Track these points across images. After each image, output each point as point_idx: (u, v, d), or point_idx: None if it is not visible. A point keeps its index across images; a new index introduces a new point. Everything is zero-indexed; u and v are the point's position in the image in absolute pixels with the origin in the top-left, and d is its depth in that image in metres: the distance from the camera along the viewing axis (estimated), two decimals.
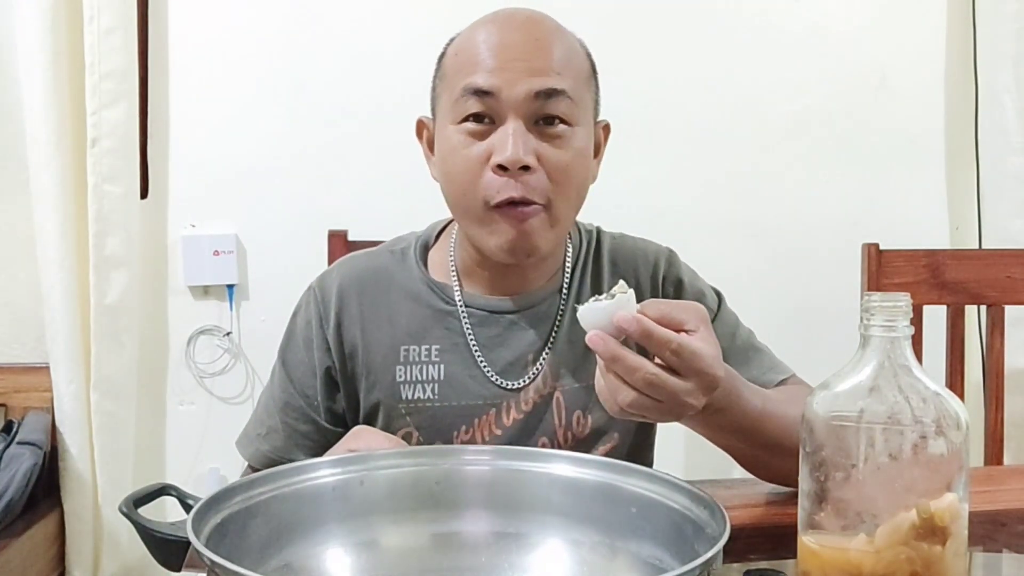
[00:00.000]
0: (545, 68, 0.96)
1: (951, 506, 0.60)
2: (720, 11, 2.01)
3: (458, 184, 0.98)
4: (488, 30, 0.98)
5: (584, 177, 1.02)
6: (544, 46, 0.97)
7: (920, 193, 2.08)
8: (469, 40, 0.99)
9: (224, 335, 1.94)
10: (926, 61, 2.07)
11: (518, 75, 0.95)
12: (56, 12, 1.72)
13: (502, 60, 0.95)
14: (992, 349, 1.56)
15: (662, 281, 1.12)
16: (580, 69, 1.01)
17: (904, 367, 0.62)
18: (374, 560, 0.76)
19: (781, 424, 0.89)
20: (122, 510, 0.70)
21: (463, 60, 0.98)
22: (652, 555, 0.72)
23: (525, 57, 0.96)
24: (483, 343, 1.06)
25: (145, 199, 1.89)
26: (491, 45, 0.97)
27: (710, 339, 0.77)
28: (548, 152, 0.96)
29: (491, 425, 1.05)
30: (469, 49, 0.98)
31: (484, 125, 0.97)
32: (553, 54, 0.97)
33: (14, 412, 1.82)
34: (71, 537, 1.80)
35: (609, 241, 1.14)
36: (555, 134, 0.97)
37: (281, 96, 1.92)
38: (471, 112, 0.96)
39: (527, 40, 0.97)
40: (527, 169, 0.95)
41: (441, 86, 1.02)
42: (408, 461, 0.81)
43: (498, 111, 0.96)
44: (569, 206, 1.01)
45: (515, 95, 0.95)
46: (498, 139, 0.95)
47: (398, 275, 1.10)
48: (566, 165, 0.97)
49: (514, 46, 0.96)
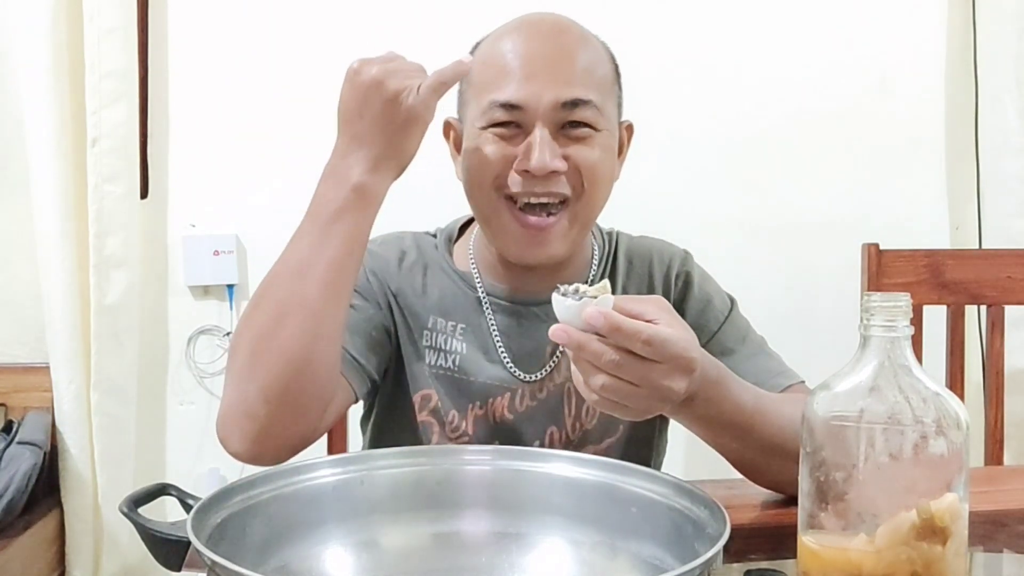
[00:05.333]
0: (571, 78, 0.98)
1: (951, 506, 0.60)
2: (720, 11, 2.01)
3: (482, 178, 1.01)
4: (514, 39, 1.00)
5: (609, 177, 1.04)
6: (569, 56, 0.99)
7: (920, 193, 2.08)
8: (496, 49, 1.01)
9: (224, 335, 1.94)
10: (926, 61, 2.07)
11: (544, 86, 0.97)
12: (56, 12, 1.72)
13: (528, 71, 0.97)
14: (992, 349, 1.56)
15: (675, 279, 1.13)
16: (604, 76, 1.02)
17: (904, 367, 0.62)
18: (374, 560, 0.76)
19: (776, 424, 0.89)
20: (122, 510, 0.70)
21: (490, 70, 1.00)
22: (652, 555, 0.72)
23: (551, 68, 0.97)
24: (503, 331, 1.09)
25: (145, 199, 1.89)
26: (517, 56, 0.98)
27: (677, 324, 0.77)
28: (574, 152, 0.99)
29: (504, 408, 1.08)
30: (496, 59, 1.00)
31: (511, 130, 0.99)
32: (578, 64, 0.99)
33: (14, 412, 1.82)
34: (71, 537, 1.80)
35: (626, 241, 1.16)
36: (581, 136, 0.99)
37: (281, 96, 1.92)
38: (497, 121, 0.99)
39: (552, 50, 0.99)
40: (554, 173, 0.98)
41: (469, 92, 1.04)
42: (408, 461, 0.82)
43: (525, 121, 0.98)
44: (593, 204, 1.03)
45: (542, 106, 0.97)
46: (525, 145, 0.98)
47: (431, 256, 1.14)
48: (592, 164, 1.00)
49: (540, 57, 0.98)
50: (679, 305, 1.12)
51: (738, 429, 0.88)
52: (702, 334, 1.09)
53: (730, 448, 0.93)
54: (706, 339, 1.09)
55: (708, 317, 1.11)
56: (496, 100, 0.98)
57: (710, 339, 1.10)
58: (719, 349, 1.08)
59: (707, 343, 1.09)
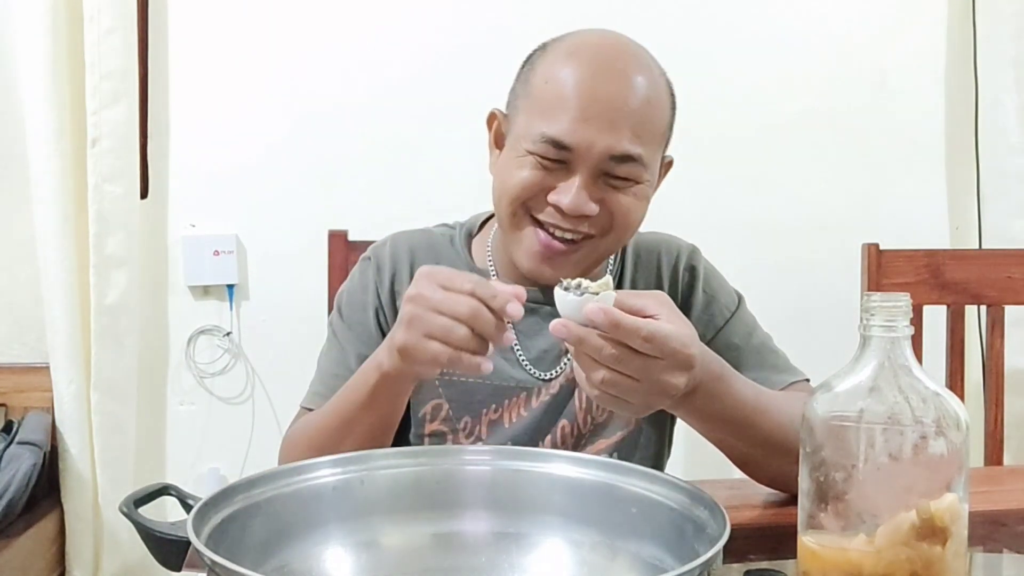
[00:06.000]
0: (627, 129, 0.95)
1: (951, 506, 0.60)
2: (720, 11, 2.01)
3: (513, 196, 0.99)
4: (576, 69, 0.96)
5: (639, 219, 1.03)
6: (634, 107, 0.96)
7: (920, 193, 2.08)
8: (560, 72, 0.97)
9: (224, 335, 1.94)
10: (926, 61, 2.07)
11: (598, 134, 0.94)
12: (56, 12, 1.72)
13: (586, 113, 0.94)
14: (992, 349, 1.56)
15: (682, 273, 1.13)
16: (661, 126, 1.00)
17: (904, 367, 0.62)
18: (374, 560, 0.76)
19: (776, 421, 0.89)
20: (122, 510, 0.70)
21: (550, 98, 0.96)
22: (652, 555, 0.72)
23: (609, 114, 0.95)
24: (520, 330, 1.08)
25: (145, 199, 1.89)
26: (578, 90, 0.95)
27: (677, 320, 0.77)
28: (610, 197, 0.98)
29: (520, 408, 1.08)
30: (555, 87, 0.96)
31: (555, 164, 0.97)
32: (640, 117, 0.96)
33: (14, 412, 1.82)
34: (71, 537, 1.80)
35: (635, 236, 1.14)
36: (621, 186, 0.98)
37: (281, 96, 1.92)
38: (541, 154, 0.96)
39: (615, 92, 0.95)
40: (585, 216, 0.97)
41: (523, 103, 1.01)
42: (408, 461, 0.81)
43: (571, 160, 0.96)
44: (616, 244, 1.03)
45: (592, 154, 0.95)
46: (565, 185, 0.96)
47: (445, 253, 1.13)
48: (626, 211, 0.99)
49: (601, 98, 0.95)
50: (686, 299, 1.11)
51: (738, 425, 0.88)
52: (708, 329, 1.09)
53: (730, 444, 0.93)
54: (712, 334, 1.09)
55: (714, 312, 1.11)
56: (547, 135, 0.95)
57: (716, 334, 1.09)
58: (725, 344, 1.08)
59: (713, 338, 1.09)
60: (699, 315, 1.10)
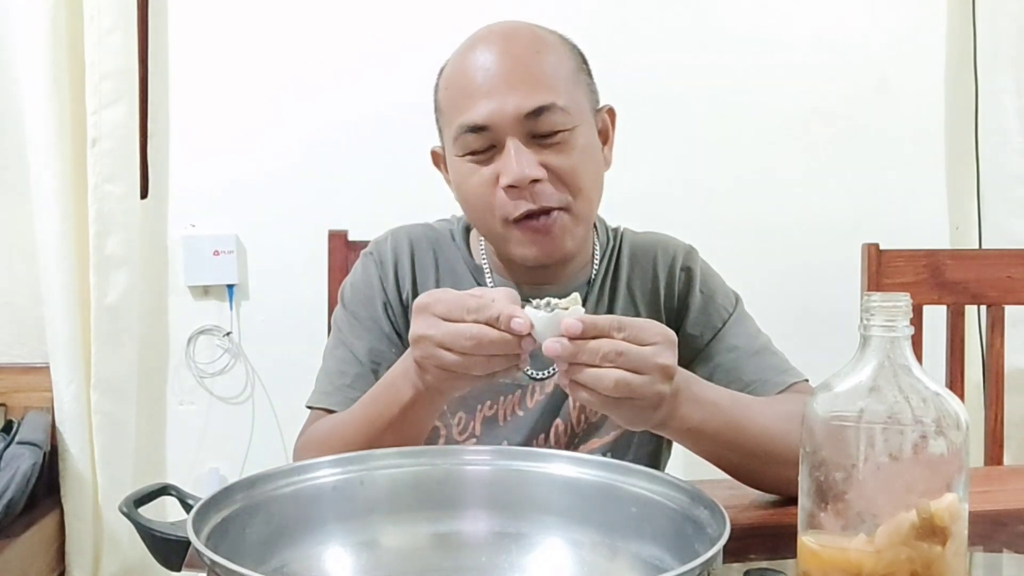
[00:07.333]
0: (530, 86, 0.97)
1: (951, 506, 0.60)
2: (720, 12, 2.01)
3: (475, 208, 1.02)
4: (469, 58, 1.00)
5: (595, 171, 1.03)
6: (525, 62, 0.98)
7: (920, 193, 2.08)
8: (454, 72, 1.02)
9: (224, 335, 1.94)
10: (926, 61, 2.08)
11: (505, 99, 0.96)
12: (56, 12, 1.72)
13: (486, 89, 0.97)
14: (992, 349, 1.56)
15: (678, 273, 1.13)
16: (566, 71, 1.01)
17: (904, 367, 0.62)
18: (374, 560, 0.76)
19: (762, 424, 0.89)
20: (122, 510, 0.70)
21: (453, 95, 1.01)
22: (652, 555, 0.72)
23: (507, 80, 0.97)
24: None
25: (145, 199, 1.89)
26: (474, 74, 0.98)
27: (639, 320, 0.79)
28: (553, 160, 0.98)
29: (515, 406, 1.09)
30: (456, 82, 1.01)
31: (486, 153, 0.99)
32: (534, 68, 0.98)
33: (14, 412, 1.82)
34: (71, 537, 1.80)
35: (631, 237, 1.16)
36: (555, 142, 0.98)
37: (281, 96, 1.92)
38: (471, 148, 0.99)
39: (507, 61, 0.98)
40: (536, 181, 0.97)
41: (441, 120, 1.05)
42: (408, 461, 0.81)
43: (495, 138, 0.98)
44: (588, 202, 1.02)
45: (507, 120, 0.96)
46: (502, 162, 0.97)
47: (445, 247, 1.14)
48: (572, 168, 0.99)
49: (496, 71, 0.97)
50: (682, 300, 1.11)
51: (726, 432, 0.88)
52: (706, 330, 1.09)
53: (723, 456, 0.93)
54: (710, 335, 1.09)
55: (712, 313, 1.10)
56: (463, 124, 0.98)
57: (714, 335, 1.09)
58: (723, 346, 1.07)
59: (711, 339, 1.08)
60: (696, 316, 1.10)
